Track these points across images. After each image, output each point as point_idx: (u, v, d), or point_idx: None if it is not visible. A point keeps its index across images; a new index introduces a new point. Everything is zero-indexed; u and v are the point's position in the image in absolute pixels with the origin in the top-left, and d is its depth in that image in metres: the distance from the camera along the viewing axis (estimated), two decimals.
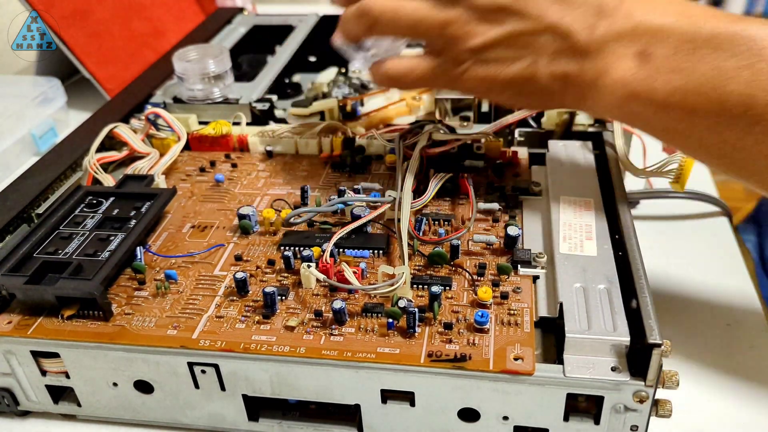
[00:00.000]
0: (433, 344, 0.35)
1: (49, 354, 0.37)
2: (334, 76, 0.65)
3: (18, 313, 0.38)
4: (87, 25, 0.76)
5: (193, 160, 0.53)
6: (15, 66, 0.79)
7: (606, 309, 0.35)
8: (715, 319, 0.45)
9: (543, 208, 0.44)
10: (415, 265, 0.40)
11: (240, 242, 0.43)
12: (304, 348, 0.35)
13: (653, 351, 0.31)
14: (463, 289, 0.38)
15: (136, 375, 0.37)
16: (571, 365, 0.33)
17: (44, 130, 0.70)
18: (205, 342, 0.36)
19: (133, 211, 0.44)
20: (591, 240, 0.40)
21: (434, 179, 0.44)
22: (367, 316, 0.37)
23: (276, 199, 0.47)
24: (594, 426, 0.34)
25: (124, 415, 0.39)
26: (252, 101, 0.57)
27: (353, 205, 0.44)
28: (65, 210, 0.44)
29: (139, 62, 0.74)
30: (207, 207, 0.47)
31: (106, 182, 0.48)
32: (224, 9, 0.85)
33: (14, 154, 0.67)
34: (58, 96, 0.72)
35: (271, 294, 0.37)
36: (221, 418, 0.38)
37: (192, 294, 0.39)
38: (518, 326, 0.36)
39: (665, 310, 0.45)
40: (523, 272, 0.39)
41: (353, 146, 0.51)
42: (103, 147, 0.52)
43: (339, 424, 0.37)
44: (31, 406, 0.40)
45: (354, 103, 0.57)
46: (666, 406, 0.33)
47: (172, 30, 0.84)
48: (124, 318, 0.37)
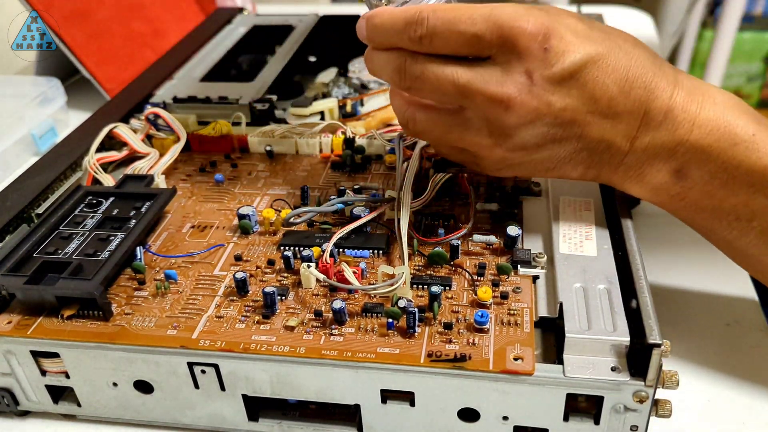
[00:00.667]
0: (433, 344, 0.35)
1: (49, 354, 0.37)
2: (334, 76, 0.65)
3: (18, 313, 0.38)
4: (87, 25, 0.76)
5: (193, 160, 0.53)
6: (15, 66, 0.79)
7: (606, 309, 0.35)
8: (715, 319, 0.45)
9: (543, 208, 0.44)
10: (415, 265, 0.40)
11: (240, 242, 0.43)
12: (304, 348, 0.35)
13: (653, 351, 0.31)
14: (462, 289, 0.38)
15: (136, 375, 0.37)
16: (571, 365, 0.33)
17: (44, 130, 0.70)
18: (205, 342, 0.36)
19: (133, 211, 0.44)
20: (591, 240, 0.40)
21: (434, 179, 0.44)
22: (367, 316, 0.37)
23: (276, 199, 0.47)
24: (594, 426, 0.34)
25: (124, 415, 0.39)
26: (252, 101, 0.57)
27: (353, 205, 0.44)
28: (65, 210, 0.44)
29: (139, 62, 0.74)
30: (207, 207, 0.47)
31: (106, 182, 0.48)
32: (224, 9, 0.84)
33: (14, 154, 0.67)
34: (58, 96, 0.72)
35: (270, 294, 0.37)
36: (221, 418, 0.38)
37: (192, 294, 0.39)
38: (518, 326, 0.36)
39: (665, 310, 0.45)
40: (523, 272, 0.39)
41: (353, 146, 0.51)
42: (103, 147, 0.52)
43: (339, 424, 0.37)
44: (31, 406, 0.40)
45: (354, 103, 0.57)
46: (666, 406, 0.33)
47: (172, 30, 0.84)
48: (124, 318, 0.37)
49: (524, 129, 0.36)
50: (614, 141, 0.36)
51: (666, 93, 0.35)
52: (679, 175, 0.36)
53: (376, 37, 0.37)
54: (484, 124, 0.36)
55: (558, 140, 0.36)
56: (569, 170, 0.38)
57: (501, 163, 0.38)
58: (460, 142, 0.38)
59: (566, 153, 0.37)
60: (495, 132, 0.36)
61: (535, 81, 0.34)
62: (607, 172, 0.38)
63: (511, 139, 0.36)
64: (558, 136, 0.36)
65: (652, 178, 0.37)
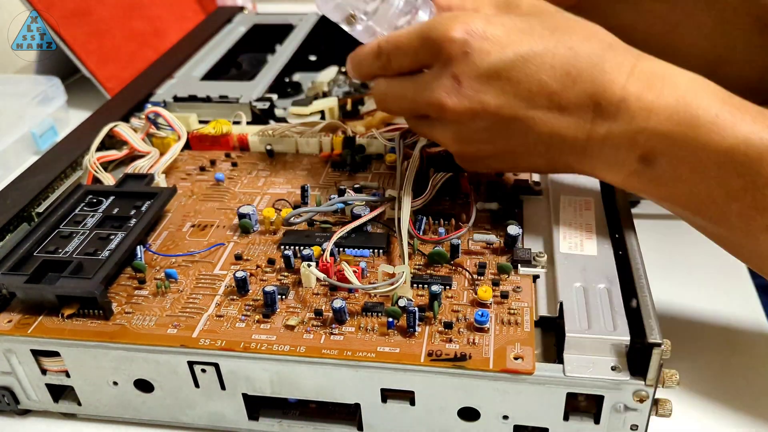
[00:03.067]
0: (433, 343, 0.35)
1: (50, 353, 0.37)
2: (335, 75, 0.65)
3: (18, 312, 0.38)
4: (87, 24, 0.76)
5: (194, 159, 0.53)
6: (15, 65, 0.79)
7: (606, 308, 0.35)
8: (715, 319, 0.45)
9: (543, 208, 0.44)
10: (415, 264, 0.40)
11: (240, 241, 0.43)
12: (304, 347, 0.35)
13: (653, 350, 0.31)
14: (463, 289, 0.38)
15: (137, 374, 0.37)
16: (571, 364, 0.33)
17: (44, 129, 0.70)
18: (205, 341, 0.36)
19: (133, 210, 0.44)
20: (591, 239, 0.40)
21: (434, 179, 0.44)
22: (367, 315, 0.37)
23: (276, 199, 0.47)
24: (594, 425, 0.34)
25: (124, 414, 0.39)
26: (252, 100, 0.57)
27: (353, 205, 0.44)
28: (65, 209, 0.44)
29: (139, 61, 0.74)
30: (207, 206, 0.47)
31: (107, 181, 0.48)
32: (224, 8, 0.85)
33: (14, 153, 0.67)
34: (59, 95, 0.72)
35: (271, 293, 0.37)
36: (221, 417, 0.38)
37: (192, 293, 0.39)
38: (518, 325, 0.36)
39: (665, 310, 0.45)
40: (523, 271, 0.39)
41: (353, 145, 0.51)
42: (103, 146, 0.52)
43: (339, 424, 0.37)
44: (31, 405, 0.40)
45: (354, 102, 0.57)
46: (666, 405, 0.33)
47: (172, 29, 0.84)
48: (124, 317, 0.37)
49: (466, 126, 0.38)
50: (567, 134, 0.36)
51: (617, 84, 0.35)
52: (646, 162, 0.36)
53: (358, 74, 0.43)
54: (438, 124, 0.39)
55: (506, 135, 0.38)
56: (534, 161, 0.40)
57: (465, 158, 0.41)
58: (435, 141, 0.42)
59: (522, 146, 0.38)
60: (447, 131, 0.39)
61: (462, 83, 0.36)
62: (574, 162, 0.38)
63: (459, 135, 0.39)
64: (504, 131, 0.37)
65: (621, 165, 0.37)
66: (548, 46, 0.35)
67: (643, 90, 0.35)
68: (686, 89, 0.35)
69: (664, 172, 0.36)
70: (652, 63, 0.36)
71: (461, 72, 0.36)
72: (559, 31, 0.36)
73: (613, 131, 0.35)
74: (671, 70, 0.36)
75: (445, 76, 0.37)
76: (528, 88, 0.36)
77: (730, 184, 0.34)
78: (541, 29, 0.36)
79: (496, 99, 0.36)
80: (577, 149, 0.37)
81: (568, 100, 0.35)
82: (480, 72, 0.36)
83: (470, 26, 0.36)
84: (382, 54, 0.40)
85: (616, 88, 0.35)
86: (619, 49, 0.36)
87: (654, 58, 0.36)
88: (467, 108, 0.37)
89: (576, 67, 0.35)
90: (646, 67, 0.35)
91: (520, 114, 0.36)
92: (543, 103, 0.36)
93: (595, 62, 0.35)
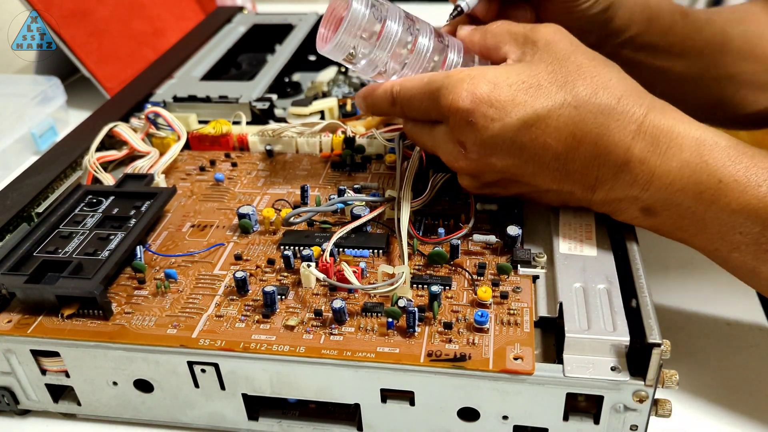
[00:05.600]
0: (433, 344, 0.35)
1: (49, 353, 0.37)
2: (334, 75, 0.65)
3: (18, 312, 0.38)
4: (87, 25, 0.76)
5: (193, 159, 0.53)
6: (15, 65, 0.79)
7: (606, 309, 0.35)
8: (715, 319, 0.45)
9: (543, 208, 0.44)
10: (415, 264, 0.40)
11: (240, 241, 0.43)
12: (304, 347, 0.35)
13: (653, 350, 0.31)
14: (462, 289, 0.38)
15: (136, 374, 0.37)
16: (571, 365, 0.33)
17: (44, 129, 0.70)
18: (204, 341, 0.36)
19: (133, 210, 0.44)
20: (591, 240, 0.40)
21: (434, 179, 0.44)
22: (367, 315, 0.37)
23: (276, 199, 0.47)
24: (594, 426, 0.34)
25: (124, 414, 0.39)
26: (252, 100, 0.57)
27: (353, 205, 0.44)
28: (65, 209, 0.44)
29: (138, 61, 0.74)
30: (207, 206, 0.47)
31: (106, 181, 0.48)
32: (224, 8, 0.85)
33: (14, 153, 0.67)
34: (58, 95, 0.72)
35: (270, 293, 0.37)
36: (221, 417, 0.38)
37: (192, 293, 0.39)
38: (518, 326, 0.36)
39: (665, 311, 0.45)
40: (523, 272, 0.39)
41: (353, 145, 0.51)
42: (103, 146, 0.52)
43: (339, 424, 0.37)
44: (31, 405, 0.40)
45: (354, 102, 0.57)
46: (666, 405, 0.33)
47: (171, 29, 0.84)
48: (124, 317, 0.37)
49: (476, 178, 0.40)
50: (573, 189, 0.38)
51: (621, 147, 0.35)
52: (648, 213, 0.37)
53: (372, 113, 0.45)
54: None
55: (517, 186, 0.40)
56: (551, 201, 0.41)
57: (487, 191, 0.42)
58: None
59: (533, 193, 0.40)
60: (463, 179, 0.41)
61: (468, 149, 0.38)
62: (583, 203, 0.39)
63: (472, 183, 0.41)
64: (515, 183, 0.39)
65: (623, 213, 0.38)
66: (554, 107, 0.35)
67: (647, 152, 0.35)
68: (692, 152, 0.35)
69: (666, 221, 0.37)
70: (661, 117, 0.36)
71: (466, 140, 0.37)
72: (569, 83, 0.36)
73: (615, 191, 0.37)
74: (680, 127, 0.35)
75: (452, 141, 0.38)
76: (533, 151, 0.36)
77: (732, 239, 0.35)
78: (548, 84, 0.36)
79: (503, 161, 0.37)
80: (584, 201, 0.39)
81: (573, 163, 0.36)
82: (484, 140, 0.36)
83: (476, 91, 0.36)
84: (396, 103, 0.41)
85: (619, 151, 0.35)
86: (629, 100, 0.36)
87: (665, 105, 0.36)
88: (475, 168, 0.39)
89: (581, 129, 0.35)
90: (654, 123, 0.35)
91: (528, 172, 0.38)
92: (549, 164, 0.37)
93: (600, 122, 0.35)
